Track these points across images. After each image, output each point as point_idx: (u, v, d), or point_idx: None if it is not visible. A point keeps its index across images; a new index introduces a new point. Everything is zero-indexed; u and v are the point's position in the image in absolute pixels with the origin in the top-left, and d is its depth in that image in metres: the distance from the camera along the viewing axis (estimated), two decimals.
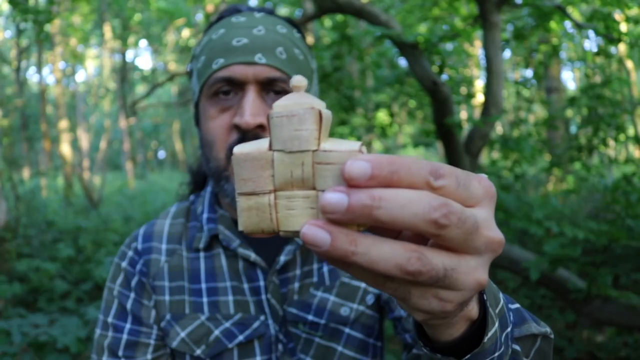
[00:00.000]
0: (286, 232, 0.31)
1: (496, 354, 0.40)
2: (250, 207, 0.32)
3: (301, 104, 0.31)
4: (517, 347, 0.48)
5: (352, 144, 0.30)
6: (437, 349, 0.40)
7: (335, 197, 0.28)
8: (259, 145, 0.32)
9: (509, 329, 0.43)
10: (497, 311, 0.41)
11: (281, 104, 0.31)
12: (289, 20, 0.80)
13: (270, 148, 0.31)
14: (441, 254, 0.30)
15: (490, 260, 0.32)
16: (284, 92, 0.73)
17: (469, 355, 0.39)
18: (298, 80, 0.32)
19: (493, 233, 0.32)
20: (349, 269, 0.31)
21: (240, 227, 0.32)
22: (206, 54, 0.74)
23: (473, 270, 0.31)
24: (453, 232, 0.28)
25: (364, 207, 0.27)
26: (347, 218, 0.28)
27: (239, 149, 0.32)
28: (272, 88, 0.72)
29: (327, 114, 0.31)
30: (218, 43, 0.73)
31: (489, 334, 0.39)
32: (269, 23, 0.75)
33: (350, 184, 0.28)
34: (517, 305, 0.59)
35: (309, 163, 0.30)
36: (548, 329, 0.57)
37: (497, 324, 0.40)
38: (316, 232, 0.28)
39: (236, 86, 0.72)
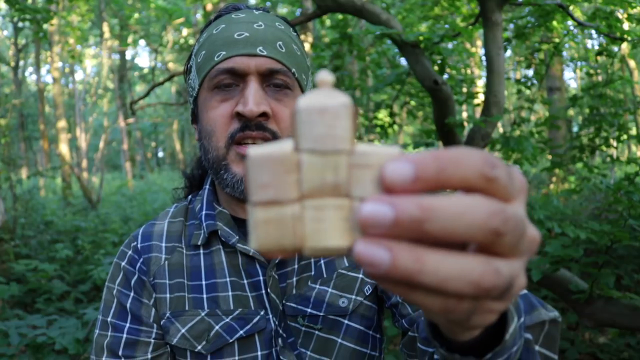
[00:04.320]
0: (314, 248, 0.26)
1: (514, 348, 0.39)
2: (269, 219, 0.26)
3: (332, 98, 0.26)
4: (528, 336, 0.47)
5: (390, 147, 0.26)
6: (455, 348, 0.38)
7: (378, 209, 0.23)
8: (280, 146, 0.27)
9: (522, 319, 0.42)
10: (513, 303, 0.39)
11: (309, 98, 0.26)
12: (284, 20, 0.83)
13: (296, 148, 0.26)
14: (505, 263, 0.26)
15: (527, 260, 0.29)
16: (284, 85, 0.74)
17: (490, 355, 0.37)
18: (324, 75, 0.27)
19: (533, 231, 0.28)
20: (410, 293, 0.26)
21: (254, 245, 0.26)
22: (207, 48, 0.76)
23: (519, 275, 0.27)
24: (509, 238, 0.25)
25: (412, 220, 0.23)
26: (391, 234, 0.24)
27: (256, 151, 0.26)
28: (272, 81, 0.74)
29: (357, 111, 0.27)
30: (219, 37, 0.75)
31: (510, 331, 0.37)
32: (267, 20, 0.77)
33: (392, 190, 0.24)
34: (524, 291, 0.60)
35: (344, 166, 0.26)
36: (556, 313, 0.57)
37: (515, 319, 0.39)
38: (373, 250, 0.24)
39: (238, 77, 0.73)
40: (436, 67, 2.61)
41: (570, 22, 2.88)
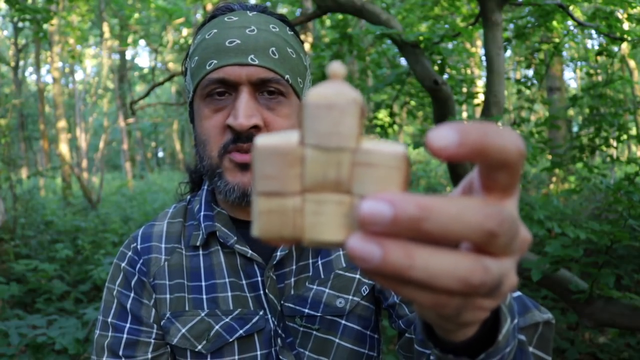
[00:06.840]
0: (312, 241, 0.27)
1: (508, 349, 0.39)
2: (271, 209, 0.27)
3: (341, 94, 0.26)
4: (522, 337, 0.48)
5: (395, 146, 0.26)
6: (448, 349, 0.39)
7: (377, 207, 0.24)
8: (286, 138, 0.27)
9: (516, 321, 0.42)
10: (506, 304, 0.40)
11: (318, 92, 0.26)
12: (282, 18, 0.81)
13: (301, 142, 0.27)
14: (495, 261, 0.26)
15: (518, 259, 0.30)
16: (278, 92, 0.73)
17: (483, 355, 0.38)
18: (336, 67, 0.27)
19: (525, 232, 0.29)
20: (401, 288, 0.27)
21: (255, 232, 0.27)
22: (199, 54, 0.75)
23: (509, 274, 0.28)
24: (502, 239, 0.25)
25: (410, 219, 0.23)
26: (390, 231, 0.24)
27: (263, 141, 0.27)
28: (266, 88, 0.73)
29: (366, 109, 0.27)
30: (211, 43, 0.74)
31: (503, 332, 0.38)
32: (261, 22, 0.75)
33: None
34: (518, 293, 0.61)
35: (347, 163, 0.26)
36: (550, 315, 0.58)
37: (509, 320, 0.39)
38: (365, 245, 0.24)
39: (230, 87, 0.73)
40: (436, 67, 2.61)
41: (570, 22, 2.88)
